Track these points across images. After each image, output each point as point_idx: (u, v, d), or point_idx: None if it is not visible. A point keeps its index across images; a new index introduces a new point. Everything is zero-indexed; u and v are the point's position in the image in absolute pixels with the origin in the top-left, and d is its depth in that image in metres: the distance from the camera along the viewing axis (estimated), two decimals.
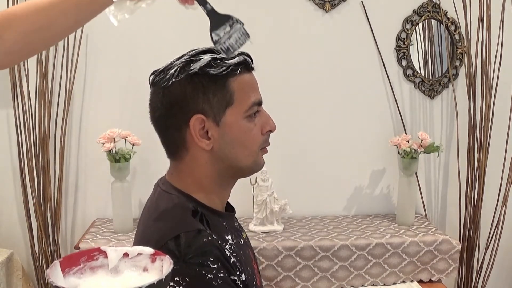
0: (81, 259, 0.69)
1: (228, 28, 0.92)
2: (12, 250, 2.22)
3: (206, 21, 0.92)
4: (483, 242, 2.53)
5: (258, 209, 2.27)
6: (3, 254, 2.16)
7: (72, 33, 1.74)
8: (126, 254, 0.71)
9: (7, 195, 2.38)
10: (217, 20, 0.92)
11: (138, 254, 0.71)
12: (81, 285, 0.68)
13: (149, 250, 0.71)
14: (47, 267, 2.06)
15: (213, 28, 0.92)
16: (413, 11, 2.43)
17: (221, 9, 0.93)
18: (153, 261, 0.71)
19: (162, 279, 0.63)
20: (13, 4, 2.14)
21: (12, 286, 2.18)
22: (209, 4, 0.92)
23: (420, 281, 2.22)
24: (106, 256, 0.70)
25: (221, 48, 0.92)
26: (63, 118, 2.30)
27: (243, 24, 0.93)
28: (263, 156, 1.10)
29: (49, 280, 0.61)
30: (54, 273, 0.64)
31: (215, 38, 0.92)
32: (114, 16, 0.89)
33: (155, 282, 0.62)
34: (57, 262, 0.66)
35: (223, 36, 0.92)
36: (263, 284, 2.09)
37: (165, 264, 0.69)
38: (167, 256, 0.70)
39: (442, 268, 2.21)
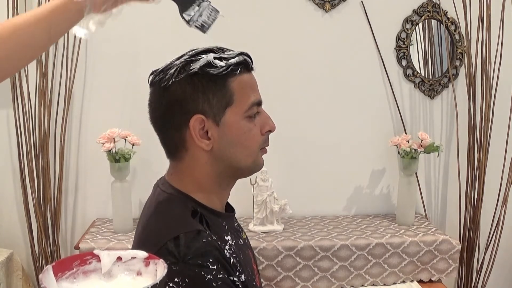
0: (74, 263, 0.68)
1: (196, 8, 0.94)
2: (12, 250, 2.22)
3: None
4: (483, 242, 2.53)
5: (258, 209, 2.27)
6: (3, 254, 2.16)
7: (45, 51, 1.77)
8: (119, 258, 0.71)
9: (7, 195, 2.38)
10: (184, 2, 0.94)
11: (131, 258, 0.71)
12: None
13: (142, 254, 0.71)
14: None
15: (182, 10, 0.94)
16: (413, 11, 2.43)
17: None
18: (147, 265, 0.70)
19: (157, 283, 0.63)
20: (13, 13, 2.13)
21: (12, 286, 2.18)
22: None
23: (420, 281, 2.21)
24: (99, 260, 0.70)
25: (195, 26, 0.94)
26: (63, 118, 2.30)
27: (209, 1, 0.95)
28: (263, 156, 1.10)
29: (42, 286, 0.61)
30: (47, 278, 0.64)
31: (187, 18, 0.94)
32: (85, 27, 0.90)
33: (150, 287, 0.62)
34: (49, 267, 0.66)
35: (194, 15, 0.94)
36: (263, 284, 2.09)
37: (159, 268, 0.69)
38: (161, 260, 0.69)
39: (442, 268, 2.21)
